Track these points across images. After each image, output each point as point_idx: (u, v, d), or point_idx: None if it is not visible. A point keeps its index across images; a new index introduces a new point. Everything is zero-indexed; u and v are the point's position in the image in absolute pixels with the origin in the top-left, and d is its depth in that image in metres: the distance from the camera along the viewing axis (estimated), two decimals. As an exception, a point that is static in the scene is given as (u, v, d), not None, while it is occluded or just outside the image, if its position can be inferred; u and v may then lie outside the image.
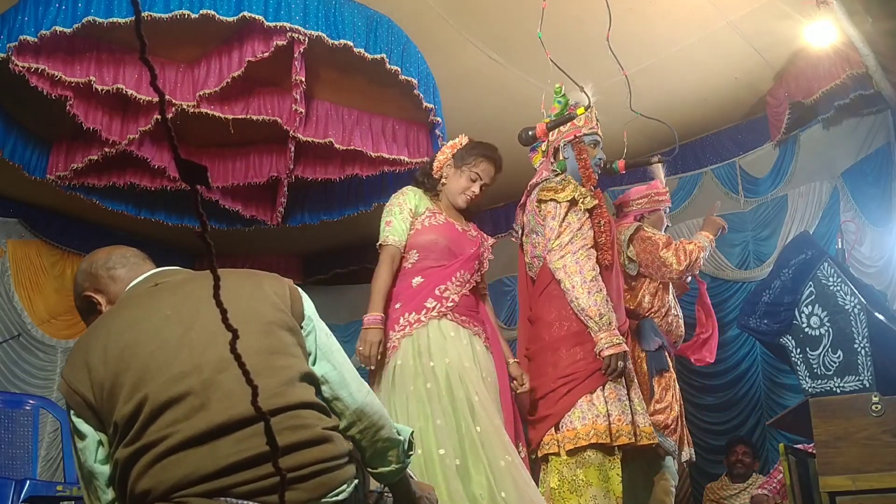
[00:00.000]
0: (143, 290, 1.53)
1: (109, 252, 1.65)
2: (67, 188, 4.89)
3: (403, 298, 2.75)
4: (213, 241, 0.72)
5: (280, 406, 1.34)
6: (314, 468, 1.33)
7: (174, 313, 1.43)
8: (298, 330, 1.49)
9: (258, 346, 1.39)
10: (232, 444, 1.28)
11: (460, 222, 2.90)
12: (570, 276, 2.74)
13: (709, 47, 4.59)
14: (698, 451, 5.46)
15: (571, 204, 2.83)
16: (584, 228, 2.82)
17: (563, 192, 2.84)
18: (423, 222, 2.81)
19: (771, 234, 5.39)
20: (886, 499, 2.00)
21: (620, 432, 2.64)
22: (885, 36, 3.77)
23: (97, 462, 1.40)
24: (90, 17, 3.52)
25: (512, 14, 4.21)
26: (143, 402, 1.32)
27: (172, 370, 1.34)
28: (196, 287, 1.50)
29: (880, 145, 4.76)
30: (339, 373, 1.52)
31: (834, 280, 2.22)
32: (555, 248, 2.80)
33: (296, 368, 1.42)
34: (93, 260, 1.65)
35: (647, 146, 5.28)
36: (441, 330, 2.68)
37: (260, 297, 1.48)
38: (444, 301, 2.72)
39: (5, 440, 4.05)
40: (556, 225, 2.82)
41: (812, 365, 2.21)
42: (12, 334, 6.12)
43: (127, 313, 1.46)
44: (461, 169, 2.87)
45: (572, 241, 2.78)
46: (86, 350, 1.41)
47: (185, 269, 1.64)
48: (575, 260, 2.76)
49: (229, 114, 4.27)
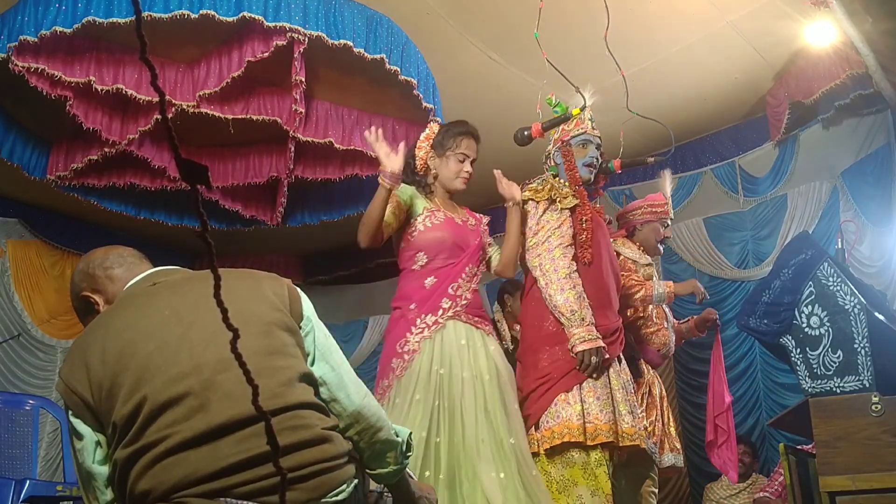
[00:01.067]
0: (141, 290, 1.52)
1: (106, 252, 1.65)
2: (67, 188, 4.89)
3: (418, 299, 2.70)
4: (213, 241, 0.72)
5: (279, 407, 1.34)
6: (313, 468, 1.33)
7: (173, 313, 1.43)
8: (297, 330, 1.49)
9: (257, 347, 1.39)
10: (232, 445, 1.28)
11: (457, 213, 2.88)
12: (545, 275, 2.75)
13: (709, 47, 4.59)
14: (697, 451, 5.49)
15: (549, 203, 2.84)
16: (564, 227, 2.82)
17: (542, 192, 2.86)
18: (423, 223, 2.77)
19: (770, 234, 5.39)
20: (886, 499, 2.00)
21: (599, 431, 2.61)
22: (884, 36, 3.77)
23: (95, 463, 1.39)
24: (90, 17, 3.52)
25: (511, 14, 4.22)
26: (143, 402, 1.32)
27: (172, 370, 1.34)
28: (195, 287, 1.50)
29: (880, 145, 4.77)
30: (337, 374, 1.52)
31: (834, 280, 2.22)
32: (531, 246, 2.83)
33: (295, 369, 1.42)
34: (90, 260, 1.65)
35: (646, 146, 5.28)
36: (456, 334, 2.66)
37: (259, 297, 1.48)
38: (458, 300, 2.71)
39: (5, 440, 4.05)
40: (534, 224, 2.84)
41: (812, 365, 2.21)
42: (12, 334, 6.12)
43: (125, 313, 1.45)
44: (445, 155, 2.84)
45: (549, 239, 2.79)
46: (84, 350, 1.41)
47: (183, 269, 1.63)
48: (550, 258, 2.76)
49: (229, 114, 4.27)
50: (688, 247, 5.77)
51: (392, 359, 2.66)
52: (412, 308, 2.69)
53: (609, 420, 2.65)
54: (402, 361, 2.62)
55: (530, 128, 2.90)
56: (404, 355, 2.63)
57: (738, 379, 5.43)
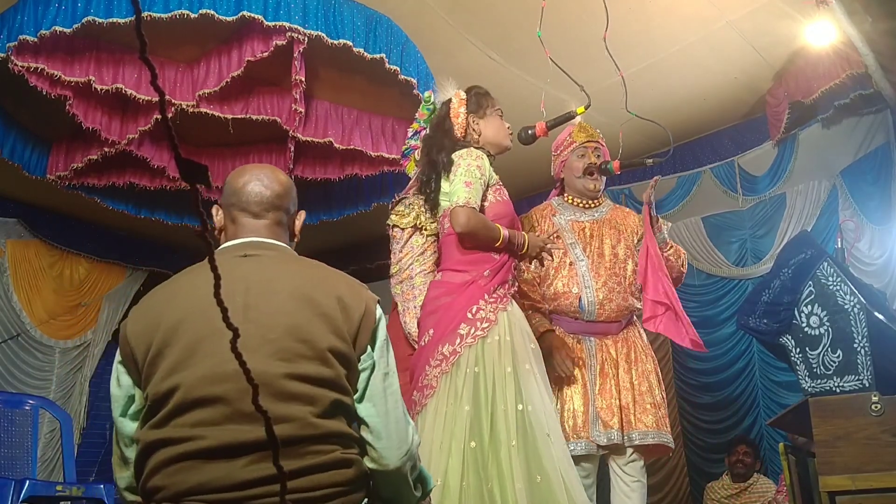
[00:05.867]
0: (228, 258, 1.47)
1: (259, 193, 1.59)
2: (67, 188, 4.89)
3: (492, 268, 2.56)
4: (213, 240, 0.72)
5: (310, 435, 1.32)
6: (327, 491, 1.31)
7: (242, 303, 1.37)
8: (354, 364, 1.43)
9: (305, 372, 1.35)
10: (252, 462, 1.26)
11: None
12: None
13: (708, 47, 4.59)
14: (697, 451, 5.50)
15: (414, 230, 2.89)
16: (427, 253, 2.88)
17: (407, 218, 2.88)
18: (495, 196, 2.66)
19: (768, 232, 5.41)
20: (886, 498, 2.00)
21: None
22: (884, 35, 3.77)
23: (126, 417, 1.39)
24: (90, 16, 3.52)
25: (512, 14, 4.22)
26: (176, 389, 1.30)
27: (214, 367, 1.30)
28: (279, 281, 1.44)
29: (879, 144, 4.77)
30: (383, 422, 1.44)
31: (833, 279, 2.22)
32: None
33: (336, 400, 1.38)
34: (245, 185, 1.60)
35: (646, 146, 5.28)
36: (517, 314, 2.58)
37: (324, 315, 1.41)
38: (515, 281, 2.68)
39: (4, 440, 4.04)
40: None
41: (812, 364, 2.21)
42: (11, 334, 6.12)
43: (204, 279, 1.38)
44: (487, 114, 2.78)
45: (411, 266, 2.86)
46: (154, 303, 1.40)
47: (282, 247, 1.57)
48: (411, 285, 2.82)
49: (229, 113, 4.26)
50: (686, 245, 5.77)
51: (461, 323, 2.48)
52: (486, 275, 2.54)
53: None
54: (473, 329, 2.47)
55: (534, 127, 2.90)
56: (477, 323, 2.48)
57: (735, 378, 5.44)
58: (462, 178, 2.57)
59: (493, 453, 2.31)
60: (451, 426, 2.35)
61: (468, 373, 2.42)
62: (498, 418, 2.35)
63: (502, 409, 2.36)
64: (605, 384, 2.87)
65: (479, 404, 2.38)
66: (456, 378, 2.41)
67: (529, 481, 2.27)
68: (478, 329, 2.47)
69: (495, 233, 2.55)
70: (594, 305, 2.92)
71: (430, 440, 2.36)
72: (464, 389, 2.40)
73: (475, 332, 2.47)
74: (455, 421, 2.34)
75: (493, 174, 2.69)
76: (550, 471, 2.29)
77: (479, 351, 2.45)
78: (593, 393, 2.85)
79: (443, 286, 2.60)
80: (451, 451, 2.32)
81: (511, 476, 2.26)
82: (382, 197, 5.09)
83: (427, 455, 2.33)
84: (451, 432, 2.35)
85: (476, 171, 2.58)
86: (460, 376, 2.42)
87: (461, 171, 2.59)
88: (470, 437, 2.34)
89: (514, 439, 2.32)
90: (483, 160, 2.63)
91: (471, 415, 2.37)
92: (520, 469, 2.28)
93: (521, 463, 2.29)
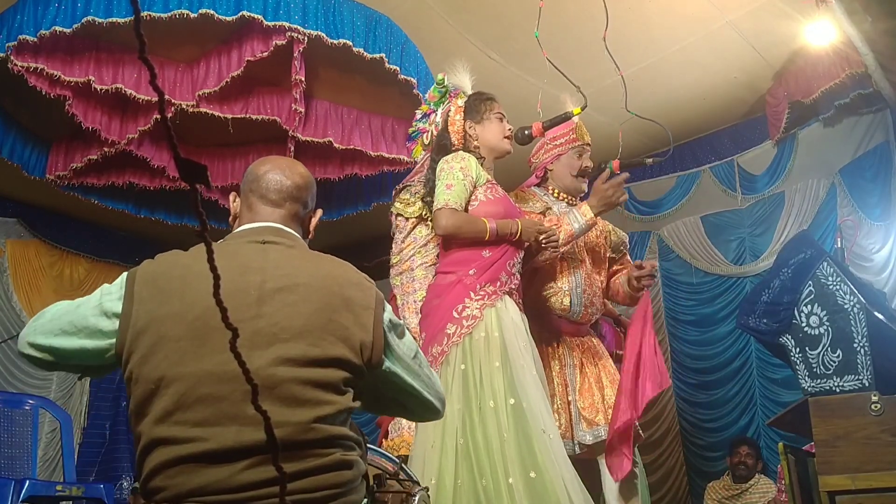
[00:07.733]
0: (246, 243, 1.44)
1: (279, 182, 1.57)
2: (67, 188, 4.89)
3: (478, 266, 2.58)
4: (212, 240, 0.72)
5: (313, 439, 1.31)
6: (326, 493, 1.31)
7: (257, 297, 1.34)
8: (363, 374, 1.41)
9: (313, 377, 1.33)
10: (253, 465, 1.26)
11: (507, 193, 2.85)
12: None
13: (708, 46, 4.59)
14: (697, 451, 5.50)
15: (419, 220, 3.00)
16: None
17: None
18: (485, 194, 2.67)
19: (766, 230, 5.41)
20: (886, 498, 2.00)
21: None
22: (884, 35, 3.77)
23: (79, 337, 1.38)
24: (90, 17, 3.52)
25: (511, 14, 4.22)
26: (177, 379, 1.27)
27: (220, 364, 1.27)
28: (298, 274, 1.40)
29: (879, 143, 4.77)
30: (433, 392, 1.55)
31: (833, 279, 2.22)
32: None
33: (342, 406, 1.36)
34: (265, 173, 1.59)
35: (646, 145, 5.28)
36: (513, 309, 2.59)
37: (338, 321, 1.38)
38: (513, 278, 2.66)
39: (4, 440, 4.04)
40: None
41: (811, 364, 2.21)
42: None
43: (223, 265, 1.35)
44: (484, 119, 2.81)
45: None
46: (171, 277, 1.37)
47: (299, 240, 1.55)
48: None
49: (229, 113, 4.26)
50: (684, 244, 5.80)
51: (447, 323, 2.52)
52: (471, 273, 2.57)
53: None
54: (459, 327, 2.50)
55: (531, 127, 2.90)
56: (463, 321, 2.51)
57: (733, 376, 5.45)
58: (443, 182, 2.63)
59: (485, 448, 2.32)
60: (443, 425, 2.36)
61: (456, 370, 2.45)
62: (487, 413, 2.36)
63: (491, 404, 2.37)
64: (584, 383, 2.90)
65: (469, 401, 2.40)
66: (445, 377, 2.44)
67: (524, 477, 2.27)
68: (463, 327, 2.51)
69: (479, 225, 2.58)
70: (580, 306, 2.96)
71: (424, 440, 2.39)
72: (453, 387, 2.42)
73: (461, 330, 2.51)
74: (446, 419, 2.35)
75: (483, 173, 2.71)
76: (547, 467, 2.29)
77: (466, 347, 2.49)
78: (574, 393, 2.88)
79: (434, 289, 2.67)
80: (443, 449, 2.34)
81: (504, 471, 2.26)
82: (382, 197, 5.09)
83: (421, 455, 2.36)
84: (444, 431, 2.36)
85: (459, 172, 2.63)
86: (449, 375, 2.45)
87: (443, 175, 2.65)
88: (461, 435, 2.36)
89: (505, 433, 2.33)
90: (468, 161, 2.67)
91: (462, 412, 2.39)
92: (512, 464, 2.28)
93: (514, 458, 2.29)
